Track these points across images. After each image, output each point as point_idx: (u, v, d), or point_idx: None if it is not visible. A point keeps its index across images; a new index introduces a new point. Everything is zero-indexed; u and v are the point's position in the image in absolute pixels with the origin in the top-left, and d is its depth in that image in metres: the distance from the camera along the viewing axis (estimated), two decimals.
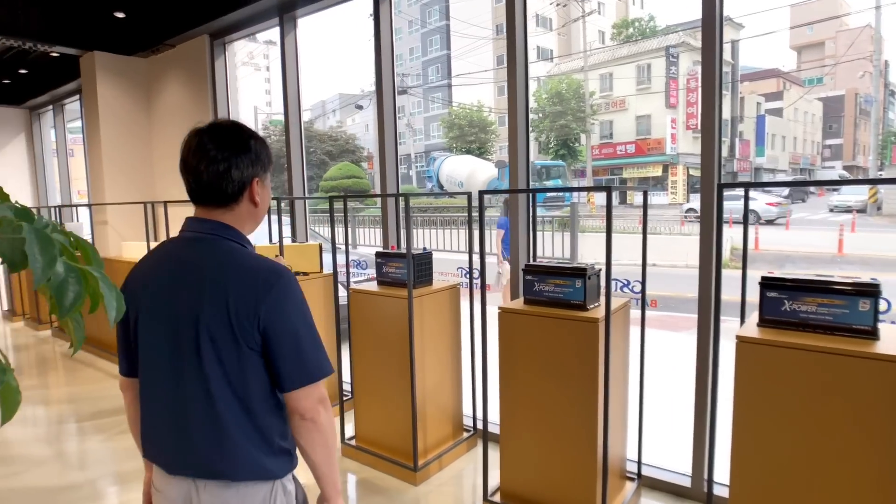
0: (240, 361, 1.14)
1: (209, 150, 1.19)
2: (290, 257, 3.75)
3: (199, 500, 1.17)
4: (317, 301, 3.80)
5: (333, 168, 27.44)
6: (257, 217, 1.28)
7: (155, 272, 1.23)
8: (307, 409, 1.17)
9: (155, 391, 1.20)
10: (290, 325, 1.15)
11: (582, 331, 2.24)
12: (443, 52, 41.00)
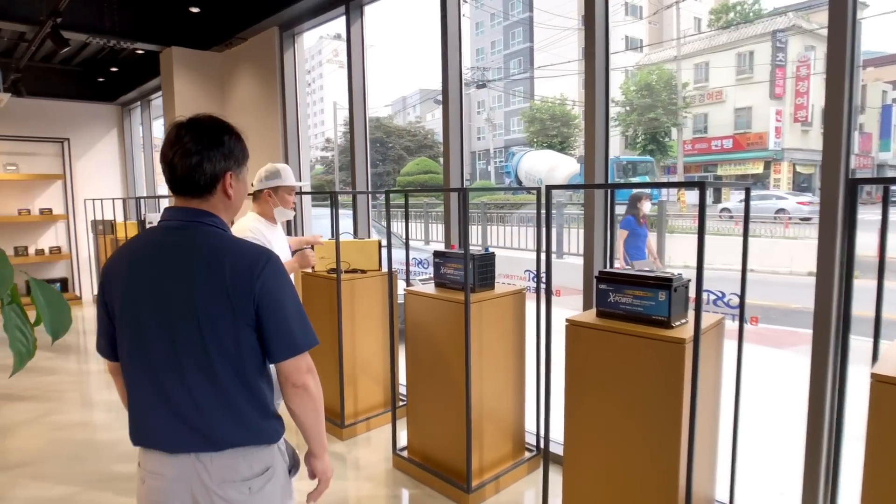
0: (237, 336, 1.22)
1: (185, 143, 1.25)
2: (348, 254, 3.63)
3: (207, 473, 1.24)
4: (375, 300, 3.65)
5: (411, 163, 27.75)
6: (231, 208, 1.35)
7: (139, 260, 1.28)
8: (298, 378, 1.28)
9: (149, 374, 1.25)
10: (280, 302, 1.25)
11: (665, 352, 1.90)
12: (525, 44, 40.31)
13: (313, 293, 3.73)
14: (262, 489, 1.29)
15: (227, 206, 1.34)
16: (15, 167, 7.41)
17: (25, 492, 2.95)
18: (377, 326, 3.70)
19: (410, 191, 3.18)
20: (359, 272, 3.65)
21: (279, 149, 5.17)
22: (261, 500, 1.29)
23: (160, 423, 1.25)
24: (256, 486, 1.28)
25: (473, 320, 2.67)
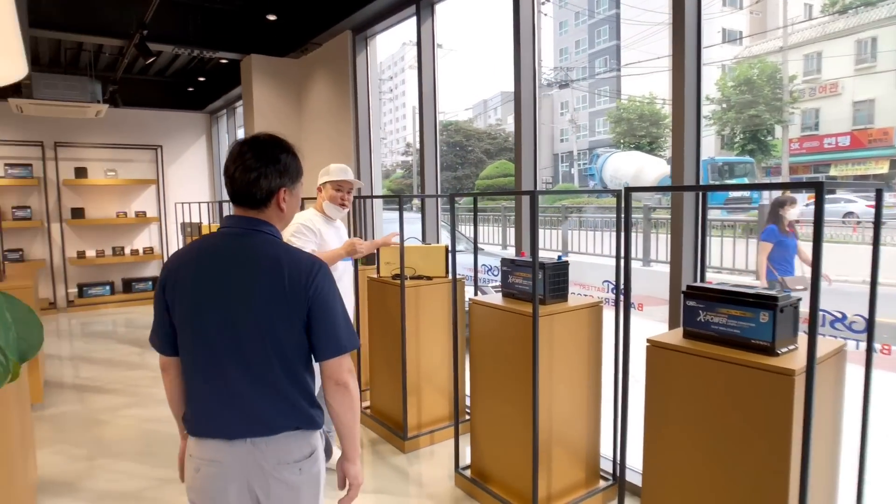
0: (291, 334, 1.37)
1: (246, 160, 1.40)
2: (414, 259, 3.53)
3: (263, 456, 1.38)
4: (440, 307, 3.52)
5: (490, 166, 27.61)
6: (283, 219, 1.49)
7: (203, 262, 1.41)
8: (340, 376, 1.41)
9: (210, 368, 1.38)
10: (330, 306, 1.40)
11: (768, 385, 1.61)
12: (612, 42, 39.05)
13: (377, 298, 3.66)
14: (310, 470, 1.45)
15: (280, 218, 1.48)
16: (114, 173, 8.01)
17: (99, 484, 3.07)
18: (443, 335, 3.57)
19: (477, 194, 3.03)
20: (424, 279, 3.54)
21: (351, 152, 5.18)
22: (309, 481, 1.45)
23: (219, 413, 1.38)
24: (306, 467, 1.44)
25: (543, 335, 2.46)
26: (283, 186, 1.44)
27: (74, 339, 6.46)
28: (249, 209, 1.43)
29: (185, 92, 8.37)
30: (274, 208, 1.44)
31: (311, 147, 5.90)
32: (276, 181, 1.42)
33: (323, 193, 2.95)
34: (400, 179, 35.05)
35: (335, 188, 2.92)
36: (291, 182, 1.46)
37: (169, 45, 5.29)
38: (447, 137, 33.45)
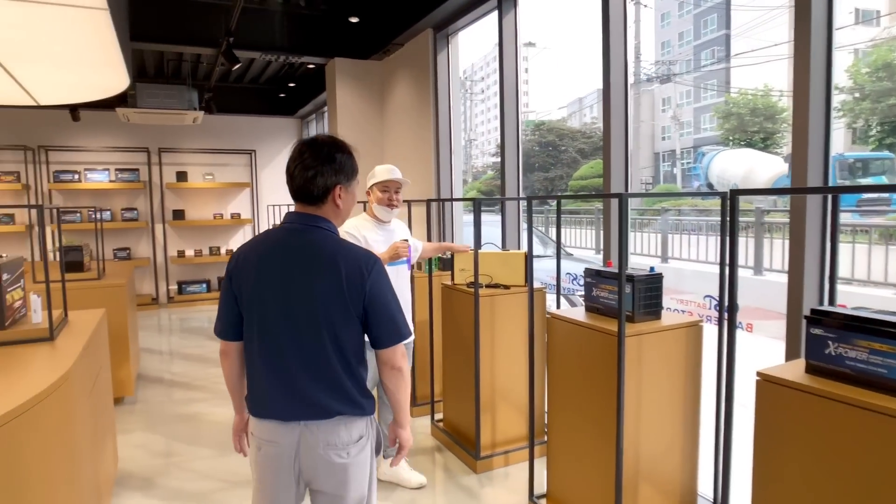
0: (347, 325, 1.49)
1: (304, 159, 1.52)
2: (491, 266, 3.33)
3: (315, 438, 1.51)
4: (518, 319, 3.30)
5: (584, 167, 26.72)
6: (340, 216, 1.60)
7: (268, 255, 1.53)
8: (396, 361, 1.55)
9: (272, 354, 1.50)
10: (386, 298, 1.52)
11: None
12: (720, 31, 36.60)
13: (451, 306, 3.50)
14: (357, 455, 1.57)
15: (337, 214, 1.60)
16: (211, 176, 8.49)
17: (173, 482, 3.15)
18: (520, 349, 3.34)
19: (556, 196, 2.78)
20: (501, 287, 3.33)
21: (431, 153, 5.08)
22: (355, 464, 1.56)
23: (277, 397, 1.51)
24: (354, 451, 1.55)
25: (630, 357, 2.18)
26: (339, 183, 1.55)
27: (172, 334, 6.88)
28: (308, 206, 1.55)
29: (277, 98, 8.72)
30: (330, 205, 1.56)
31: (392, 149, 5.88)
32: (331, 178, 1.53)
33: (371, 197, 2.95)
34: (490, 181, 34.92)
35: (381, 189, 2.91)
36: (346, 179, 1.57)
37: (257, 52, 5.47)
38: (539, 137, 32.84)
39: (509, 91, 4.20)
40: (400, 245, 2.82)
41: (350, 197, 1.61)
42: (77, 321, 2.75)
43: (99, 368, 2.70)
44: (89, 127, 7.70)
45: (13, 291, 2.44)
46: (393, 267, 2.96)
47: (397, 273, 2.99)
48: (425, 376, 3.97)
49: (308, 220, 1.54)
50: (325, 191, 1.53)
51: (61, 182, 7.55)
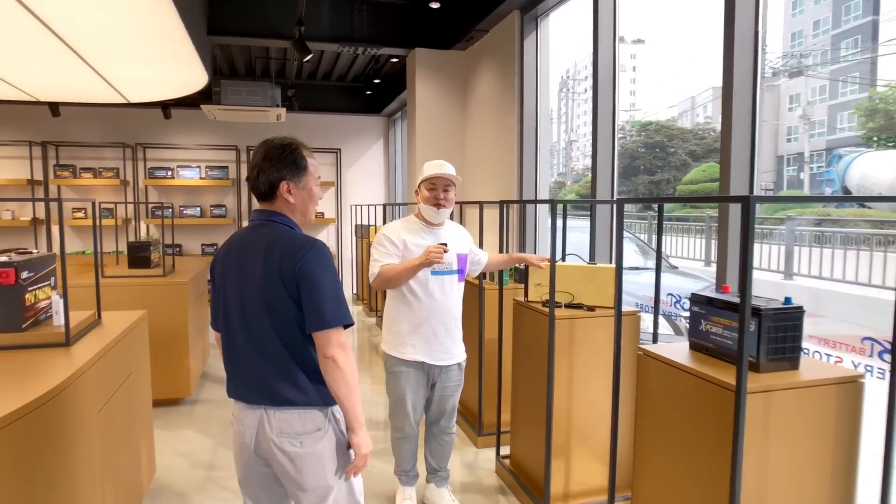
0: (287, 310, 1.58)
1: (254, 158, 1.68)
2: (572, 282, 2.82)
3: (269, 425, 1.61)
4: (603, 348, 2.75)
5: (695, 170, 24.87)
6: (296, 211, 1.71)
7: (231, 250, 1.70)
8: (328, 350, 1.56)
9: (234, 340, 1.66)
10: (317, 281, 1.56)
11: None
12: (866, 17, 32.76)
13: (522, 326, 3.02)
14: (312, 445, 1.61)
15: (292, 209, 1.69)
16: None
17: (206, 500, 2.93)
18: (603, 384, 2.79)
19: (660, 200, 2.22)
20: (584, 308, 2.80)
21: (514, 149, 4.61)
22: (309, 455, 1.60)
23: (241, 381, 1.65)
24: (308, 441, 1.60)
25: (753, 418, 1.60)
26: (283, 179, 1.64)
27: None
28: (263, 202, 1.69)
29: (364, 96, 8.61)
30: (281, 200, 1.66)
31: (473, 146, 5.46)
32: (274, 174, 1.63)
33: (419, 196, 2.66)
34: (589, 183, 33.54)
35: (428, 187, 2.60)
36: (293, 175, 1.66)
37: (333, 43, 5.28)
38: (645, 138, 31.12)
39: (605, 82, 3.64)
40: (433, 250, 2.41)
41: (304, 193, 1.69)
42: (112, 323, 2.58)
43: (128, 374, 2.51)
44: (181, 125, 7.98)
45: (37, 291, 2.28)
46: (437, 277, 2.58)
47: (441, 285, 2.60)
48: (492, 403, 3.51)
49: (264, 215, 1.67)
50: (271, 187, 1.64)
51: (155, 178, 7.87)
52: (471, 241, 2.88)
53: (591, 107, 3.69)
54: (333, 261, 1.63)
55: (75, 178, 7.55)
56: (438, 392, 2.71)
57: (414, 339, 2.61)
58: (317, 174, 1.74)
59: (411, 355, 2.61)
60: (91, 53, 4.14)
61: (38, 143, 7.56)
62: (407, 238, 2.59)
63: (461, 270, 2.70)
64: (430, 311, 2.59)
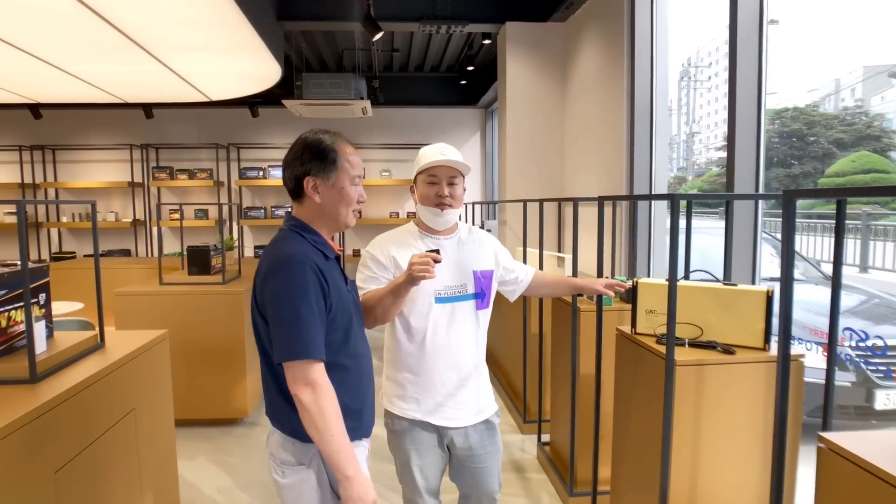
0: (263, 332, 1.47)
1: (285, 156, 1.54)
2: (701, 309, 2.03)
3: (268, 445, 1.58)
4: (747, 410, 1.92)
5: (843, 160, 21.72)
6: (323, 213, 1.52)
7: None
8: (291, 386, 1.37)
9: None
10: (276, 305, 1.38)
11: None
12: None
13: (628, 365, 2.24)
14: (291, 480, 1.50)
15: (319, 211, 1.52)
16: (388, 173, 8.14)
17: None
18: (748, 460, 1.95)
19: (840, 191, 1.40)
20: (718, 349, 1.98)
21: (623, 136, 3.78)
22: (288, 490, 1.50)
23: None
24: (289, 473, 1.50)
25: None
26: (308, 174, 1.48)
27: None
28: (294, 202, 1.55)
29: (458, 86, 8.03)
30: (309, 201, 1.50)
31: (574, 132, 4.66)
32: (298, 168, 1.49)
33: (415, 195, 1.97)
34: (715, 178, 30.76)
35: (428, 181, 1.89)
36: (319, 170, 1.48)
37: (414, 21, 4.72)
38: (780, 127, 27.97)
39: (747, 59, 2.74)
40: (416, 261, 1.66)
41: (333, 192, 1.50)
42: (120, 346, 2.17)
43: (128, 410, 2.08)
44: (270, 124, 7.86)
45: (11, 312, 1.90)
46: (444, 305, 1.89)
47: (451, 316, 1.89)
48: (586, 453, 2.76)
49: (287, 218, 1.56)
50: (296, 184, 1.50)
51: (247, 179, 7.81)
52: (501, 251, 2.11)
53: (728, 76, 2.80)
54: (309, 280, 1.38)
55: (172, 180, 7.68)
56: (460, 460, 1.97)
57: (416, 390, 1.90)
58: (354, 171, 1.52)
59: (412, 412, 1.90)
60: (153, 46, 3.90)
61: (138, 146, 7.78)
62: (398, 254, 1.88)
63: (482, 294, 1.95)
64: (434, 352, 1.87)
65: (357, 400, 1.54)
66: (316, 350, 1.36)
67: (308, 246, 1.45)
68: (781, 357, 1.51)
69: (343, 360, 1.50)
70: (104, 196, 7.82)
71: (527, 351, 3.79)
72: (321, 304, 1.39)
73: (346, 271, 1.64)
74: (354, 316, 1.56)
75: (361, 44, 6.46)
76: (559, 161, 4.90)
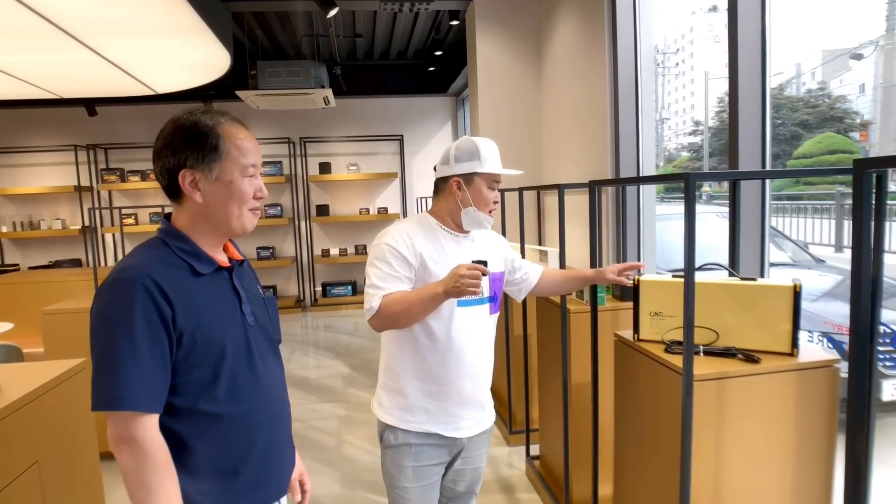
0: None
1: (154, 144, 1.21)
2: (713, 310, 1.73)
3: None
4: (773, 425, 1.62)
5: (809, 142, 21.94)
6: (210, 214, 1.19)
7: None
8: (109, 440, 1.07)
9: None
10: (92, 339, 1.08)
11: None
12: None
13: (632, 378, 1.93)
14: None
15: (204, 213, 1.18)
16: (356, 167, 7.72)
17: None
18: (771, 476, 1.65)
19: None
20: (738, 356, 1.67)
21: (606, 118, 3.46)
22: None
23: None
24: None
25: None
26: (183, 166, 1.14)
27: (307, 347, 6.16)
28: (172, 201, 1.21)
29: (427, 73, 7.65)
30: (188, 200, 1.18)
31: (552, 115, 4.34)
32: (169, 160, 1.15)
33: (465, 192, 1.73)
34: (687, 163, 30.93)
35: (489, 185, 1.75)
36: (197, 160, 1.15)
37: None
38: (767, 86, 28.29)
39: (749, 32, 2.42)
40: (465, 273, 1.49)
41: (219, 188, 1.16)
42: (20, 382, 1.77)
43: (30, 463, 1.69)
44: None
45: None
46: (466, 308, 1.72)
47: (472, 320, 1.74)
48: (584, 470, 2.45)
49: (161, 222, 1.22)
50: (170, 179, 1.16)
51: None
52: (510, 251, 1.98)
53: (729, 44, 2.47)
54: (136, 306, 1.05)
55: (124, 182, 7.15)
56: (457, 467, 1.85)
57: (427, 400, 1.73)
58: (247, 160, 1.18)
59: (423, 425, 1.72)
60: (78, 31, 3.45)
61: (83, 147, 7.22)
62: (427, 251, 1.70)
63: (494, 297, 1.80)
64: (455, 359, 1.71)
65: (232, 458, 1.18)
66: (131, 399, 1.03)
67: (161, 257, 1.14)
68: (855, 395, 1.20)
69: (207, 407, 1.14)
70: (49, 202, 7.25)
71: (510, 355, 3.46)
72: (157, 336, 1.06)
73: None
74: (238, 347, 1.19)
75: (321, 29, 6.03)
76: (537, 146, 4.58)
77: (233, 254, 1.29)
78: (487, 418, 1.85)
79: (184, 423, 1.11)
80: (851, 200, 1.17)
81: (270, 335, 1.30)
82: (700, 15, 56.39)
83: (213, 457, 1.15)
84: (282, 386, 1.31)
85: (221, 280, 1.21)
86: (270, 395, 1.25)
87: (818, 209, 12.03)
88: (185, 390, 1.11)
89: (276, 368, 1.29)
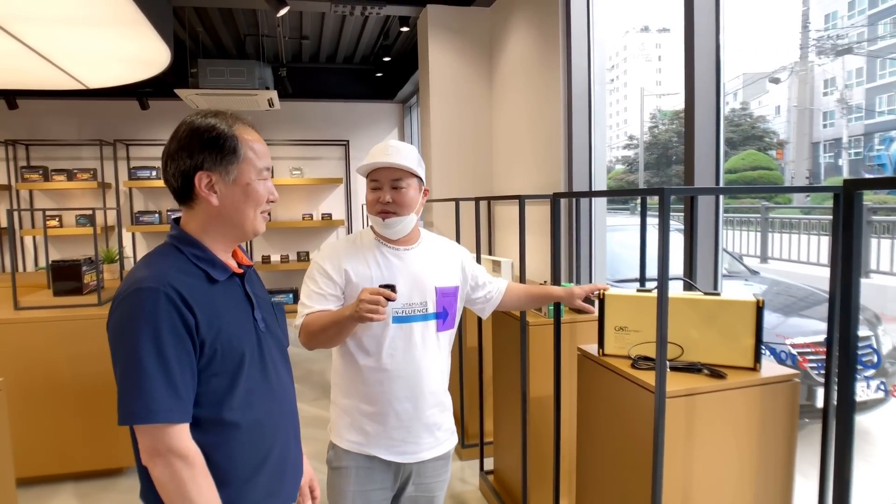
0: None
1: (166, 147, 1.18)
2: (678, 325, 1.71)
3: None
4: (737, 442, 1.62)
5: (734, 158, 23.25)
6: (225, 218, 1.16)
7: None
8: (142, 455, 1.05)
9: None
10: (115, 350, 1.07)
11: None
12: None
13: (596, 395, 1.88)
14: None
15: (218, 217, 1.16)
16: (300, 172, 7.48)
17: None
18: (737, 489, 1.65)
19: None
20: (703, 371, 1.66)
21: (559, 130, 3.46)
22: None
23: None
24: None
25: None
26: (201, 168, 1.12)
27: None
28: (181, 205, 1.18)
29: (374, 79, 7.51)
30: (203, 204, 1.15)
31: (504, 127, 4.32)
32: (185, 162, 1.12)
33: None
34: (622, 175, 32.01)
35: (371, 185, 1.65)
36: (215, 163, 1.13)
37: (324, 0, 4.18)
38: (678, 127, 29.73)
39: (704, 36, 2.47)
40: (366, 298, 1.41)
41: (235, 190, 1.15)
42: None
43: None
44: (162, 118, 6.89)
45: None
46: (401, 325, 1.62)
47: (409, 338, 1.66)
48: (540, 485, 2.39)
49: (170, 230, 1.18)
50: (184, 181, 1.13)
51: (138, 179, 6.84)
52: (470, 264, 1.84)
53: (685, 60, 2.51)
54: (161, 316, 1.02)
55: (47, 182, 6.61)
56: (409, 495, 1.72)
57: (366, 422, 1.62)
58: (261, 163, 1.18)
59: (362, 447, 1.63)
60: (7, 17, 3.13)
61: (2, 143, 6.63)
62: (353, 267, 1.62)
63: (444, 313, 1.69)
64: (389, 378, 1.61)
65: (247, 467, 1.15)
66: (163, 411, 1.01)
67: (178, 265, 1.10)
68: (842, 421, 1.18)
69: (229, 415, 1.11)
70: None
71: (463, 366, 3.38)
72: (183, 345, 1.04)
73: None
74: (253, 354, 1.17)
75: (266, 29, 5.80)
76: (487, 156, 4.54)
77: (242, 259, 1.26)
78: (439, 443, 1.71)
79: (201, 434, 1.08)
80: (832, 217, 1.17)
81: (281, 341, 1.29)
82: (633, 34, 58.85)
83: (229, 466, 1.12)
84: (292, 391, 1.30)
85: (234, 286, 1.19)
86: (283, 401, 1.24)
87: (743, 221, 12.78)
88: (203, 400, 1.08)
89: (286, 374, 1.28)
